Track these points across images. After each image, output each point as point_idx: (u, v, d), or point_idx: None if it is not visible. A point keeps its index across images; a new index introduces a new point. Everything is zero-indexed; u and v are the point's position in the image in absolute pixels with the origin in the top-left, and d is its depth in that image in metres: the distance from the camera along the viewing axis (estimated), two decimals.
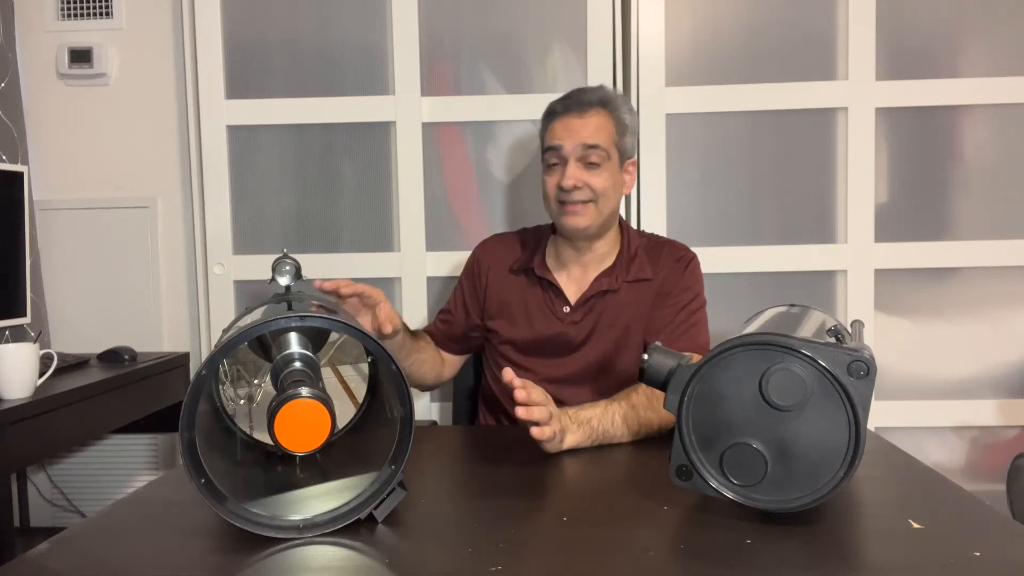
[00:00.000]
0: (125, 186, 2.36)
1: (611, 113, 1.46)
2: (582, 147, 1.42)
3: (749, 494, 0.86)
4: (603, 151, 1.43)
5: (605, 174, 1.44)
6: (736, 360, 0.86)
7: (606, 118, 1.45)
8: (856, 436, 0.82)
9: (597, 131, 1.43)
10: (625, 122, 1.48)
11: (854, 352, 0.82)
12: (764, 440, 0.85)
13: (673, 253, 1.55)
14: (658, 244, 1.57)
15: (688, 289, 1.52)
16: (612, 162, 1.46)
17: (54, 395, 1.66)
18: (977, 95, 2.12)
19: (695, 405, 0.88)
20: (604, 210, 1.46)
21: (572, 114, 1.45)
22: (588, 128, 1.43)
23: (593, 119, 1.44)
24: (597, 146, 1.42)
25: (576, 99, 1.47)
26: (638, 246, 1.54)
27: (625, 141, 1.48)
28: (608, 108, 1.46)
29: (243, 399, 1.01)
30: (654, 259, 1.53)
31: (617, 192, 1.48)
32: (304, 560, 0.79)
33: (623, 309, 1.49)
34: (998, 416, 2.16)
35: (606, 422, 1.23)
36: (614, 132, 1.45)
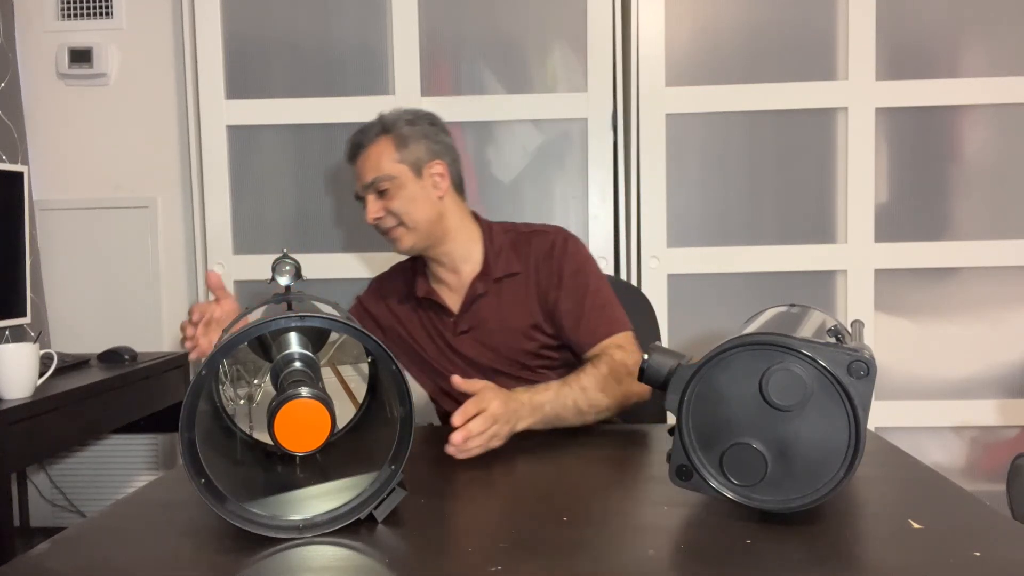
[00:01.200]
0: (125, 186, 2.36)
1: (388, 134, 1.47)
2: (369, 186, 1.46)
3: (749, 494, 0.86)
4: (384, 177, 1.44)
5: (400, 194, 1.44)
6: (736, 360, 0.86)
7: (383, 143, 1.46)
8: (856, 436, 0.82)
9: (377, 162, 1.45)
10: (404, 134, 1.47)
11: (854, 352, 0.82)
12: (764, 440, 0.85)
13: (543, 243, 1.50)
14: (526, 235, 1.53)
15: (578, 272, 1.47)
16: (402, 179, 1.45)
17: (54, 395, 1.66)
18: (977, 95, 2.12)
19: (695, 405, 0.88)
20: (417, 225, 1.45)
21: (356, 159, 1.49)
22: (367, 165, 1.46)
23: (370, 152, 1.46)
24: (376, 179, 1.44)
25: (353, 143, 1.50)
26: (502, 243, 1.51)
27: (411, 153, 1.46)
28: (385, 134, 1.47)
29: (243, 399, 1.01)
30: (522, 251, 1.50)
31: (425, 202, 1.46)
32: (304, 560, 0.79)
33: (505, 309, 1.48)
34: (998, 416, 2.16)
35: (558, 406, 1.27)
36: (394, 151, 1.46)
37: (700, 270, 2.19)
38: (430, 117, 1.53)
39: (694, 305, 2.21)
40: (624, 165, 2.19)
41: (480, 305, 1.49)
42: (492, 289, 1.48)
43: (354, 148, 1.50)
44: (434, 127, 1.51)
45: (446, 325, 1.51)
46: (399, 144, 1.46)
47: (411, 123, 1.49)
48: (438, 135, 1.51)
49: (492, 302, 1.48)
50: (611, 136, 2.20)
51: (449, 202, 1.49)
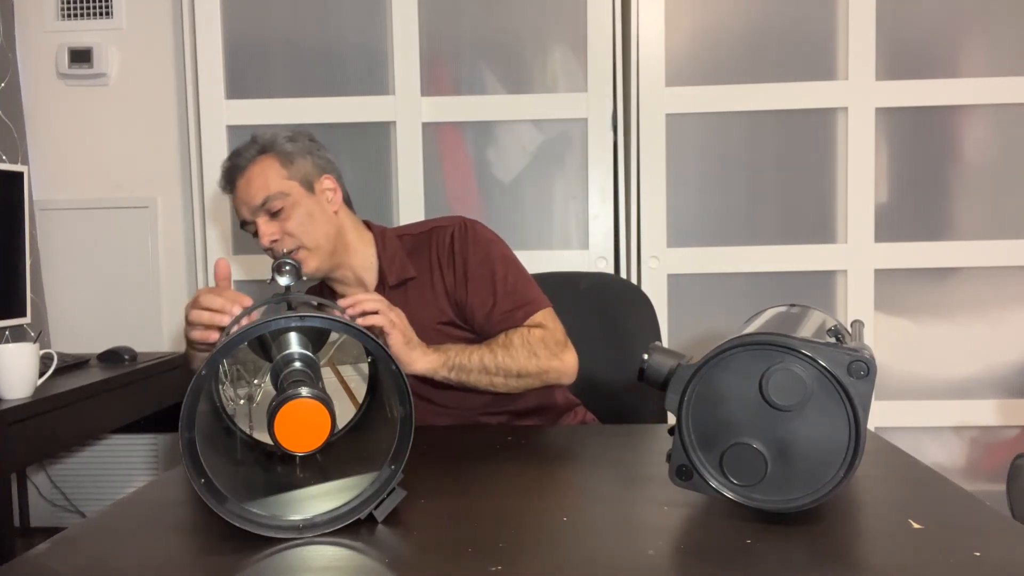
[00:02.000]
0: (125, 186, 2.36)
1: (269, 153, 1.39)
2: (255, 208, 1.37)
3: (749, 494, 0.86)
4: (276, 195, 1.36)
5: (296, 212, 1.36)
6: (736, 360, 0.86)
7: (266, 162, 1.38)
8: (856, 436, 0.82)
9: (264, 182, 1.36)
10: (288, 150, 1.39)
11: (854, 352, 0.82)
12: (764, 440, 0.85)
13: (441, 237, 1.44)
14: (424, 235, 1.47)
15: (484, 261, 1.41)
16: (295, 196, 1.37)
17: (54, 395, 1.66)
18: (977, 95, 2.12)
19: (695, 405, 0.88)
20: (318, 243, 1.38)
21: (237, 183, 1.39)
22: (252, 186, 1.37)
23: (253, 173, 1.38)
24: (267, 198, 1.35)
25: (229, 167, 1.41)
26: (396, 248, 1.46)
27: (299, 168, 1.39)
28: (264, 153, 1.39)
29: (243, 399, 1.01)
30: (417, 253, 1.45)
31: (322, 218, 1.39)
32: (304, 560, 0.79)
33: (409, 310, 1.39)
34: (998, 416, 2.16)
35: (463, 356, 1.29)
36: (281, 168, 1.38)
37: (700, 270, 2.19)
38: (308, 133, 1.46)
39: (694, 305, 2.21)
40: (624, 165, 2.19)
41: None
42: (390, 296, 1.39)
43: (230, 172, 1.40)
44: (314, 143, 1.44)
45: None
46: (284, 161, 1.39)
47: (291, 139, 1.41)
48: (319, 150, 1.44)
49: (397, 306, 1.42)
50: (611, 136, 2.20)
51: (344, 216, 1.44)
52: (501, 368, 1.30)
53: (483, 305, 1.40)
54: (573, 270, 2.06)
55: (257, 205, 1.36)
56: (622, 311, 1.71)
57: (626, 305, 1.73)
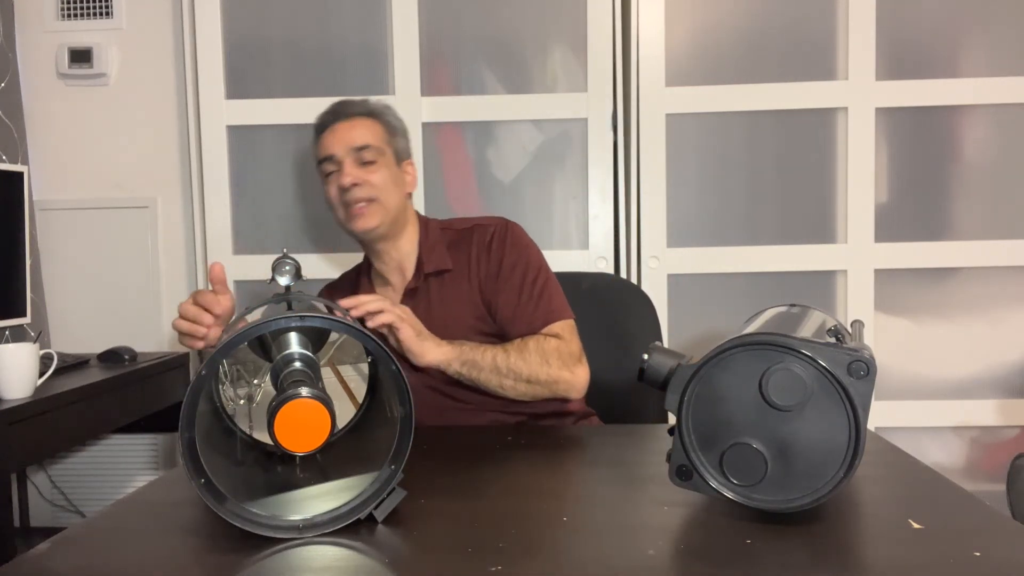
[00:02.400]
0: (125, 186, 2.36)
1: (377, 119, 1.49)
2: (354, 149, 1.44)
3: (749, 494, 0.86)
4: (375, 148, 1.44)
5: (382, 171, 1.44)
6: (736, 360, 0.86)
7: (372, 123, 1.48)
8: (856, 436, 0.82)
9: (366, 133, 1.45)
10: (393, 124, 1.50)
11: (854, 352, 0.82)
12: (764, 440, 0.85)
13: (482, 236, 1.49)
14: (466, 231, 1.52)
15: (517, 263, 1.45)
16: (387, 159, 1.46)
17: (54, 395, 1.66)
18: (977, 95, 2.12)
19: (695, 405, 0.88)
20: (389, 206, 1.44)
21: (339, 122, 1.47)
22: (355, 131, 1.45)
23: (359, 123, 1.46)
24: (368, 145, 1.44)
25: (341, 109, 1.49)
26: (437, 239, 1.51)
27: (397, 142, 1.50)
28: (373, 116, 1.48)
29: (243, 399, 1.01)
30: (461, 248, 1.49)
31: (399, 188, 1.48)
32: (304, 560, 0.79)
33: (439, 303, 1.46)
34: (998, 416, 2.16)
35: (476, 353, 1.31)
36: (384, 133, 1.48)
37: (700, 270, 2.19)
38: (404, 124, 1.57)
39: (694, 305, 2.21)
40: (624, 165, 2.19)
41: (417, 303, 1.45)
42: (424, 285, 1.46)
43: (336, 113, 1.48)
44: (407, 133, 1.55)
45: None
46: (388, 130, 1.49)
47: (397, 119, 1.53)
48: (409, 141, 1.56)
49: (429, 299, 1.46)
50: (611, 136, 2.20)
51: (409, 202, 1.53)
52: (512, 371, 1.32)
53: (507, 304, 1.43)
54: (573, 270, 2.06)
55: (355, 146, 1.44)
56: (622, 311, 1.71)
57: (626, 305, 1.73)
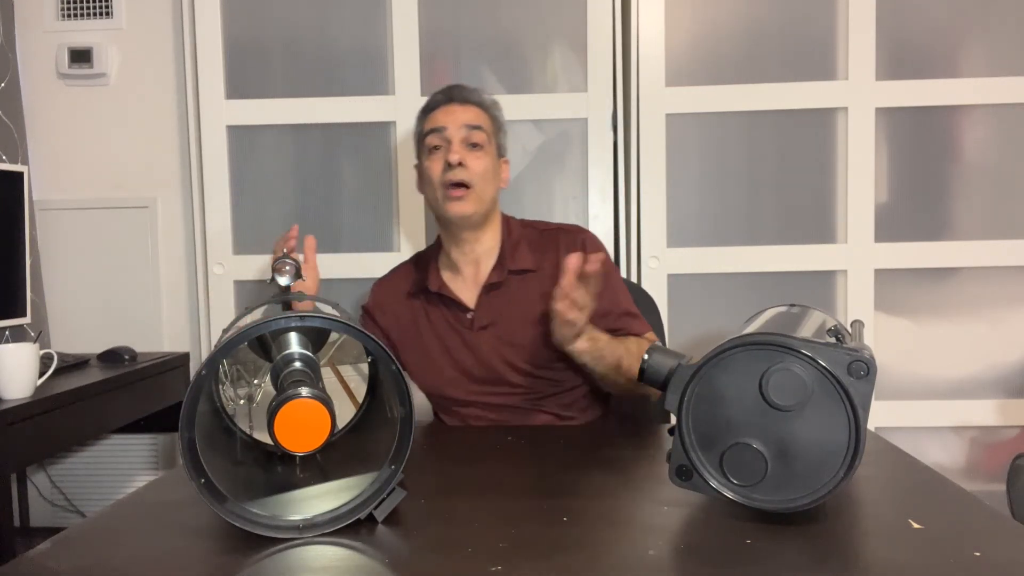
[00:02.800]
0: (125, 186, 2.36)
1: (487, 112, 1.50)
2: (466, 127, 1.44)
3: (749, 494, 0.86)
4: (484, 133, 1.46)
5: (486, 159, 1.45)
6: (736, 360, 0.86)
7: (484, 113, 1.49)
8: (856, 436, 0.82)
9: (477, 117, 1.47)
10: (500, 121, 1.52)
11: (854, 352, 0.82)
12: (764, 440, 0.85)
13: (571, 241, 1.50)
14: (550, 232, 1.54)
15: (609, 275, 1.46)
16: (492, 148, 1.47)
17: (54, 395, 1.66)
18: (977, 95, 2.12)
19: (695, 405, 0.88)
20: (484, 196, 1.45)
21: (454, 103, 1.48)
22: (470, 113, 1.46)
23: (473, 109, 1.48)
24: (480, 127, 1.45)
25: (458, 92, 1.50)
26: (520, 237, 1.52)
27: (500, 137, 1.52)
28: (484, 108, 1.50)
29: (243, 399, 1.01)
30: (539, 249, 1.50)
31: (496, 181, 1.49)
32: (304, 560, 0.79)
33: (521, 304, 1.46)
34: (998, 416, 2.16)
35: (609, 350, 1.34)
36: (492, 125, 1.49)
37: (700, 270, 2.19)
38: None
39: (694, 305, 2.21)
40: (624, 165, 2.19)
41: (496, 298, 1.46)
42: (507, 281, 1.47)
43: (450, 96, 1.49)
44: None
45: (461, 321, 1.48)
46: (495, 124, 1.51)
47: (502, 117, 1.54)
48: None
49: (510, 296, 1.46)
50: (611, 136, 2.20)
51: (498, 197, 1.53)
52: (626, 372, 1.36)
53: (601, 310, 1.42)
54: None
55: (470, 125, 1.45)
56: None
57: None
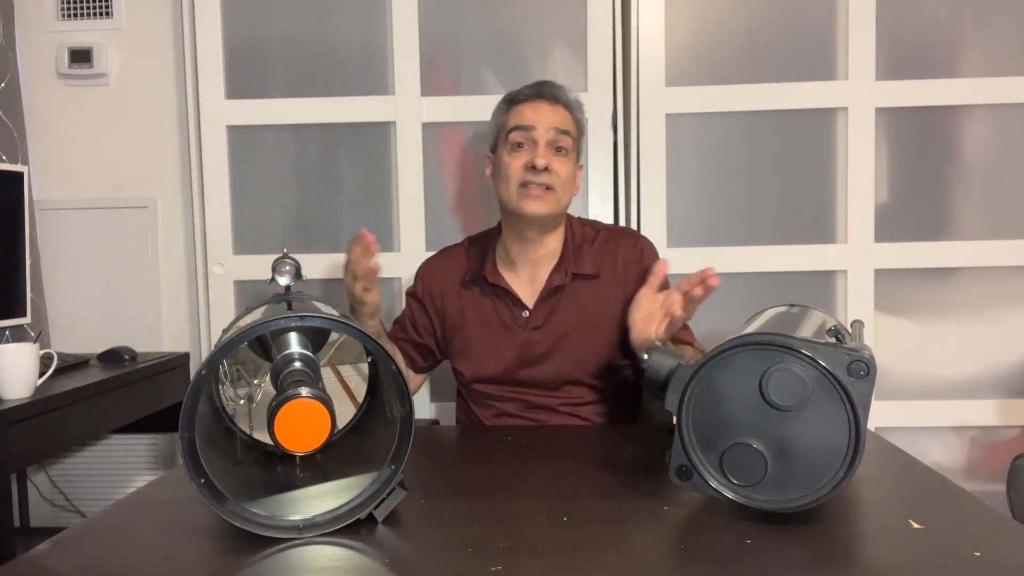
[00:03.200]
0: (125, 186, 2.36)
1: (571, 113, 1.47)
2: (555, 131, 1.42)
3: (749, 494, 0.86)
4: (571, 139, 1.43)
5: (569, 164, 1.43)
6: (736, 360, 0.86)
7: (569, 115, 1.46)
8: (856, 436, 0.82)
9: (565, 120, 1.44)
10: (583, 126, 1.49)
11: (854, 352, 0.82)
12: (764, 440, 0.85)
13: (632, 244, 1.50)
14: (612, 235, 1.52)
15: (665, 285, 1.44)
16: (572, 154, 1.45)
17: (54, 395, 1.66)
18: (977, 95, 2.12)
19: (695, 405, 0.88)
20: (562, 200, 1.44)
21: (543, 101, 1.44)
22: (558, 116, 1.43)
23: (561, 111, 1.45)
24: (568, 132, 1.43)
25: (548, 89, 1.46)
26: (582, 239, 1.50)
27: (581, 141, 1.50)
28: (570, 108, 1.47)
29: (243, 399, 1.01)
30: (609, 253, 1.49)
31: (572, 186, 1.47)
32: (304, 560, 0.79)
33: (579, 307, 1.45)
34: (998, 416, 2.16)
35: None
36: (576, 130, 1.46)
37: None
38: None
39: None
40: (624, 165, 2.19)
41: (557, 300, 1.45)
42: (570, 285, 1.45)
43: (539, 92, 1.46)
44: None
45: (515, 318, 1.46)
46: (579, 129, 1.48)
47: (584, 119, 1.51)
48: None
49: (571, 299, 1.45)
50: (611, 136, 2.20)
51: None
52: None
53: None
54: None
55: (559, 128, 1.42)
56: None
57: None
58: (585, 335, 1.44)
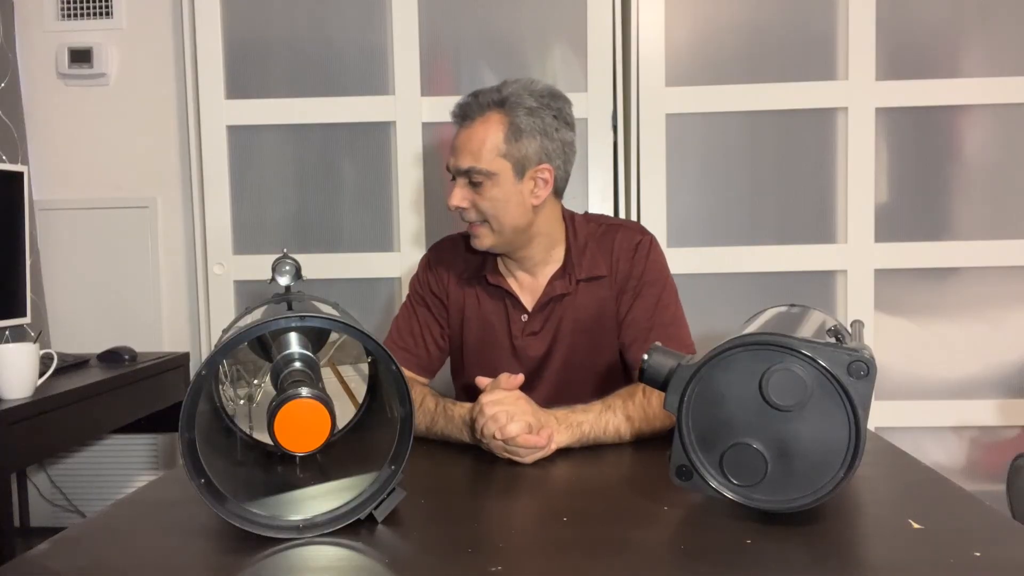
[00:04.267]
0: (125, 186, 2.36)
1: (505, 115, 1.29)
2: (459, 171, 1.31)
3: (749, 494, 0.86)
4: (481, 172, 1.29)
5: (492, 193, 1.29)
6: (736, 360, 0.86)
7: (494, 123, 1.29)
8: (856, 436, 0.82)
9: (479, 148, 1.29)
10: (520, 125, 1.29)
11: (854, 352, 0.82)
12: (764, 440, 0.85)
13: (628, 240, 1.39)
14: (609, 230, 1.41)
15: (655, 282, 1.37)
16: (501, 177, 1.29)
17: (54, 395, 1.67)
18: (977, 95, 2.12)
19: (695, 405, 0.88)
20: (503, 229, 1.32)
21: (463, 125, 1.32)
22: (468, 145, 1.30)
23: (477, 130, 1.30)
24: (471, 169, 1.29)
25: (468, 106, 1.33)
26: (587, 237, 1.40)
27: (520, 148, 1.29)
28: (504, 110, 1.30)
29: (243, 399, 1.01)
30: (606, 250, 1.39)
31: (518, 207, 1.31)
32: (304, 560, 0.79)
33: (583, 311, 1.39)
34: (998, 416, 2.16)
35: (598, 429, 1.20)
36: (502, 140, 1.28)
37: (700, 270, 2.19)
38: (554, 108, 1.33)
39: (694, 305, 2.19)
40: (624, 165, 2.19)
41: (558, 306, 1.39)
42: (572, 290, 1.38)
43: (463, 111, 1.33)
44: (556, 120, 1.32)
45: (515, 321, 1.40)
46: (511, 133, 1.29)
47: (531, 113, 1.30)
48: (557, 131, 1.32)
49: (576, 305, 1.38)
50: (611, 136, 2.20)
51: (545, 209, 1.35)
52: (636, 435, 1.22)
53: (636, 324, 1.36)
54: None
55: (461, 168, 1.31)
56: None
57: None
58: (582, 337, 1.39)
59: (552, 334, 1.40)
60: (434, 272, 1.47)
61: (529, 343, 1.40)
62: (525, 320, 1.40)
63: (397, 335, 1.47)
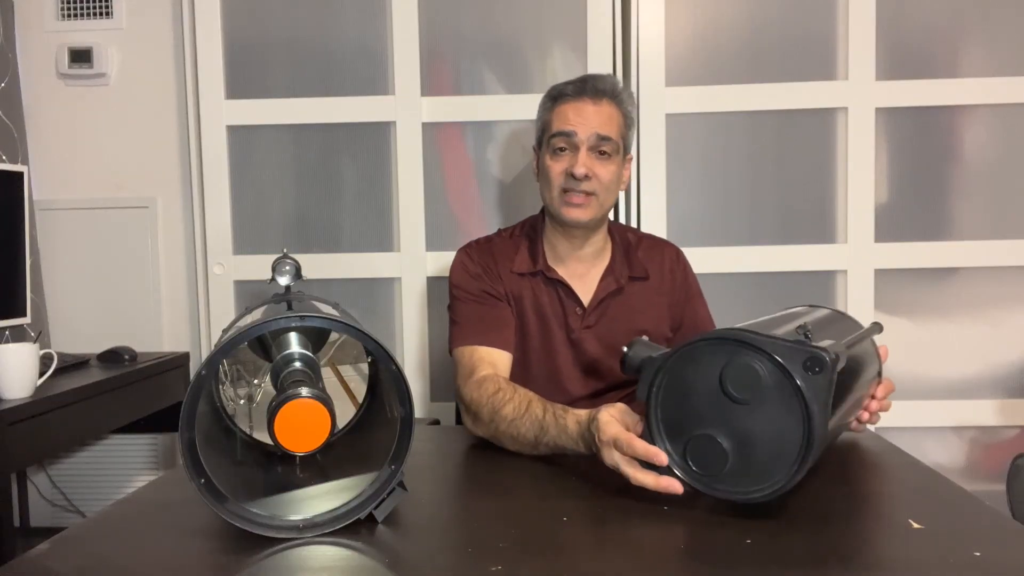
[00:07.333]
0: (125, 186, 2.36)
1: (619, 106, 1.40)
2: (596, 136, 1.36)
3: (712, 484, 0.89)
4: (614, 143, 1.37)
5: (612, 167, 1.38)
6: (700, 353, 0.90)
7: (616, 110, 1.39)
8: (809, 431, 0.84)
9: (609, 121, 1.37)
10: (631, 116, 1.43)
11: (812, 349, 0.84)
12: (725, 432, 0.88)
13: (669, 252, 1.54)
14: (646, 237, 1.55)
15: (699, 292, 1.55)
16: (619, 155, 1.40)
17: (54, 395, 1.67)
18: (977, 95, 2.12)
19: (663, 395, 0.92)
20: (605, 204, 1.41)
21: (586, 99, 1.38)
22: (602, 117, 1.37)
23: (606, 108, 1.38)
24: (610, 138, 1.36)
25: (591, 85, 1.39)
26: (625, 239, 1.51)
27: (629, 136, 1.43)
28: (617, 101, 1.40)
29: (243, 399, 1.01)
30: (653, 256, 1.51)
31: (618, 186, 1.43)
32: (304, 560, 0.79)
33: (632, 308, 1.45)
34: (998, 416, 2.16)
35: None
36: (622, 125, 1.40)
37: (700, 270, 2.17)
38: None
39: None
40: None
41: (612, 302, 1.45)
42: (624, 286, 1.45)
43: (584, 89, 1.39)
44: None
45: (571, 314, 1.43)
46: (626, 122, 1.41)
47: (633, 106, 1.44)
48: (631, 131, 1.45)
49: (623, 301, 1.45)
50: None
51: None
52: None
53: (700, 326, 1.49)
54: None
55: (599, 133, 1.36)
56: None
57: None
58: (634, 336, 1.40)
59: (606, 331, 1.44)
60: (482, 264, 1.46)
61: (586, 336, 1.44)
62: (581, 313, 1.44)
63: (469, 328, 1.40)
